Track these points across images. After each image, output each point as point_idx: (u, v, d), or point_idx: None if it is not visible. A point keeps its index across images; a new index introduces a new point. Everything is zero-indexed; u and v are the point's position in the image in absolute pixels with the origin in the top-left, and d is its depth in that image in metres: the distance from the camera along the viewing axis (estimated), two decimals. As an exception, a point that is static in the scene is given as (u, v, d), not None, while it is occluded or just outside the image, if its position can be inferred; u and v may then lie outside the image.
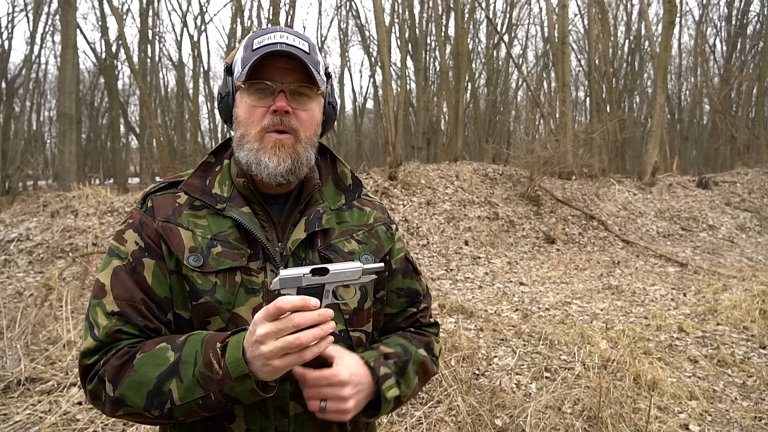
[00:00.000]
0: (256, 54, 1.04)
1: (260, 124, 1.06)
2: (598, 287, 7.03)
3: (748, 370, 4.30)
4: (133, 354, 0.96)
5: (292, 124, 1.06)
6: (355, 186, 1.22)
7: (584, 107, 27.58)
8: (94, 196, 8.38)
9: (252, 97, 1.06)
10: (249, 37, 1.10)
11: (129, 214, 1.12)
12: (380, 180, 9.87)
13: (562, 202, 10.69)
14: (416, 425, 3.22)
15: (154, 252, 1.05)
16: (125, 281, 1.02)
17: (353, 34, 30.90)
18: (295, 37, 1.07)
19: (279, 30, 1.08)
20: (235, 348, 0.90)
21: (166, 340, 0.98)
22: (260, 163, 1.06)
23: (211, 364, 0.91)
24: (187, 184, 1.10)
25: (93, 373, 0.99)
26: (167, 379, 0.93)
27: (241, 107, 1.08)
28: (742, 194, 12.95)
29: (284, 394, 1.04)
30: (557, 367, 4.20)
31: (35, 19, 21.45)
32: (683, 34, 31.02)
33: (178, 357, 0.94)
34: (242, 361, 0.89)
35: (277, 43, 1.04)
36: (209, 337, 0.96)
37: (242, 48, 1.10)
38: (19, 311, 4.84)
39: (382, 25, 11.59)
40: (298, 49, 1.05)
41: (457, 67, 16.84)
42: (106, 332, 0.99)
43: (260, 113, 1.06)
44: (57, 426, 3.15)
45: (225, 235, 1.06)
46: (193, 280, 1.03)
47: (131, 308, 1.00)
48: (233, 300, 1.03)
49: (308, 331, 0.87)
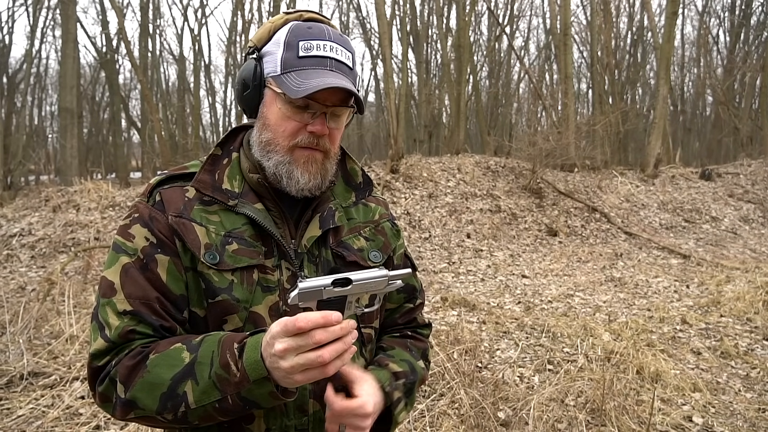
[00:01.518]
0: (305, 67, 0.99)
1: (293, 139, 1.02)
2: (601, 279, 7.02)
3: (751, 362, 4.28)
4: (146, 354, 0.93)
5: (326, 145, 1.04)
6: (365, 184, 1.21)
7: (587, 99, 27.47)
8: (95, 190, 8.38)
9: (288, 106, 1.01)
10: (292, 31, 1.02)
11: (133, 207, 1.06)
12: (382, 173, 9.85)
13: (565, 195, 10.66)
14: (419, 418, 3.21)
15: (168, 248, 1.00)
16: (137, 279, 0.97)
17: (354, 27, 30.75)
18: (343, 49, 1.03)
19: (327, 38, 1.02)
20: (254, 350, 0.87)
21: (182, 340, 0.94)
22: (291, 177, 1.03)
23: (228, 366, 0.87)
24: (198, 180, 1.05)
25: (104, 375, 0.95)
26: (182, 381, 0.89)
27: (273, 111, 1.03)
28: (745, 186, 12.90)
29: (304, 393, 1.03)
30: (560, 360, 4.19)
31: (35, 13, 21.41)
32: (686, 24, 30.85)
33: (193, 358, 0.90)
34: (260, 363, 0.85)
35: (327, 59, 1.01)
36: (226, 337, 0.92)
37: (283, 43, 1.02)
38: (21, 306, 4.85)
39: (384, 17, 11.53)
40: (345, 66, 1.03)
41: (459, 60, 16.77)
42: (119, 333, 0.94)
43: (294, 127, 1.02)
44: (60, 420, 3.16)
45: (240, 232, 1.03)
46: (209, 278, 0.99)
47: (145, 307, 0.96)
48: (251, 298, 1.00)
49: (330, 346, 0.83)
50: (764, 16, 23.72)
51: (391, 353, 1.17)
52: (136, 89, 27.27)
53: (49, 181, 11.37)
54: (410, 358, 1.18)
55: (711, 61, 25.31)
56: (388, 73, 11.30)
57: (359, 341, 1.10)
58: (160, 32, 26.20)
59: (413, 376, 1.14)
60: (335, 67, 1.01)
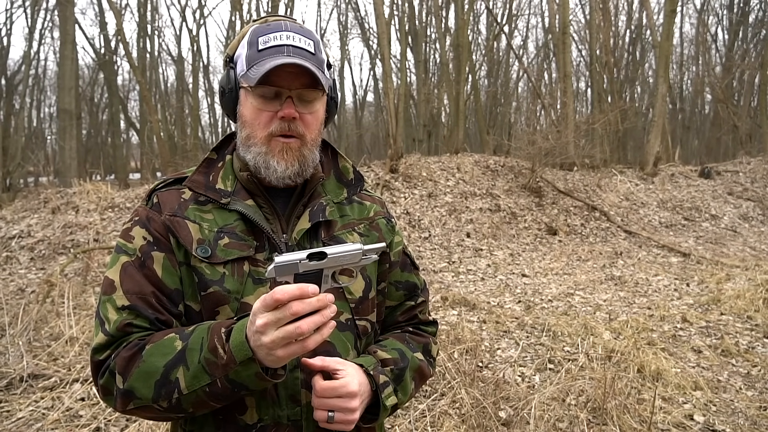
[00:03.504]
0: (264, 58, 1.03)
1: (267, 129, 1.07)
2: (601, 278, 7.01)
3: (752, 360, 4.28)
4: (142, 345, 0.97)
5: (299, 130, 1.07)
6: (356, 180, 1.24)
7: (585, 98, 27.47)
8: (95, 192, 8.36)
9: (258, 99, 1.06)
10: (253, 31, 1.08)
11: (135, 211, 1.13)
12: (381, 173, 9.84)
13: (564, 194, 10.66)
14: (420, 418, 3.21)
15: (163, 245, 1.06)
16: (134, 275, 1.03)
17: (353, 27, 30.78)
18: (301, 37, 1.07)
19: (284, 29, 1.07)
20: (239, 332, 0.90)
21: (175, 330, 0.99)
22: (269, 167, 1.08)
23: (215, 349, 0.90)
24: (191, 180, 1.12)
25: (104, 368, 0.99)
26: (174, 368, 0.93)
27: (247, 108, 1.08)
28: (744, 183, 12.90)
29: (296, 382, 1.04)
30: (561, 359, 4.19)
31: (34, 15, 21.41)
32: (685, 22, 30.80)
33: (185, 345, 0.94)
34: (245, 344, 0.88)
35: (284, 46, 1.04)
36: (215, 324, 0.95)
37: (246, 43, 1.08)
38: (21, 308, 4.84)
39: (382, 17, 11.52)
40: (305, 51, 1.06)
41: (458, 59, 16.76)
42: (117, 326, 0.99)
43: (267, 117, 1.06)
44: (60, 422, 3.15)
45: (231, 228, 1.08)
46: (201, 271, 1.04)
47: (141, 301, 1.01)
48: (242, 289, 1.04)
49: (308, 318, 0.85)
50: (763, 13, 23.74)
51: (383, 343, 1.18)
52: (135, 90, 27.27)
53: (48, 182, 11.34)
54: (403, 347, 1.18)
55: (710, 59, 25.31)
56: (386, 72, 11.30)
57: (354, 333, 1.12)
58: (158, 33, 26.14)
59: (403, 363, 1.14)
60: (293, 53, 1.04)
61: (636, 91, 26.44)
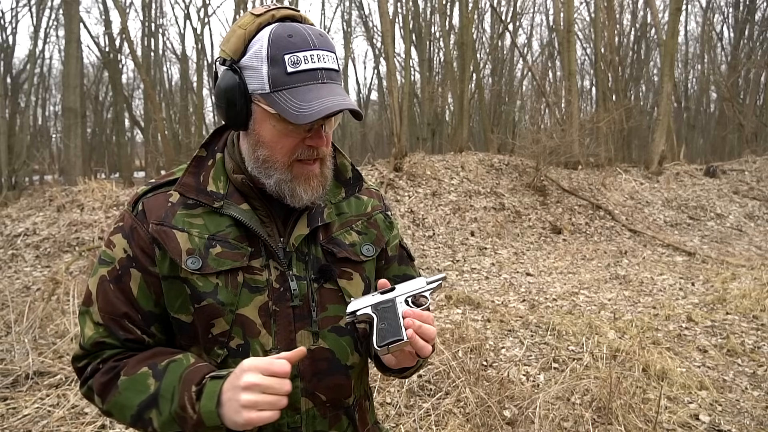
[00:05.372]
0: (297, 85, 0.95)
1: (291, 155, 1.01)
2: (606, 277, 6.99)
3: (758, 360, 4.26)
4: (117, 372, 1.00)
5: (323, 152, 1.04)
6: (355, 180, 1.20)
7: (590, 96, 27.38)
8: (99, 190, 8.38)
9: (283, 124, 0.97)
10: (273, 43, 0.95)
11: (120, 215, 1.09)
12: (385, 171, 9.83)
13: (569, 192, 10.63)
14: (424, 417, 3.21)
15: (141, 264, 1.03)
16: (108, 293, 1.03)
17: (357, 26, 30.76)
18: (327, 54, 0.98)
19: (312, 47, 0.96)
20: (210, 398, 0.91)
21: (148, 362, 0.99)
22: (294, 195, 1.03)
23: (185, 408, 0.92)
24: (181, 184, 1.05)
25: (84, 378, 1.04)
26: (147, 408, 0.96)
27: (266, 129, 0.99)
28: (750, 182, 12.84)
29: (296, 391, 1.02)
30: (565, 358, 4.18)
31: (39, 13, 21.49)
32: (690, 21, 30.71)
33: (157, 388, 0.96)
34: (215, 414, 0.90)
35: (318, 70, 0.96)
36: (187, 373, 0.95)
37: (265, 56, 0.95)
38: (26, 305, 4.85)
39: (386, 15, 11.51)
40: (334, 72, 0.99)
41: (462, 57, 16.71)
42: (90, 343, 1.02)
43: (292, 143, 1.00)
44: (65, 419, 3.16)
45: (224, 235, 1.03)
46: (193, 283, 1.00)
47: (113, 322, 1.02)
48: (236, 301, 1.01)
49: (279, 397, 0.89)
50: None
51: None
52: (139, 89, 27.27)
53: (53, 180, 11.36)
54: None
55: (715, 58, 25.21)
56: (390, 71, 11.28)
57: (353, 337, 1.11)
58: (162, 31, 26.23)
59: None
60: (326, 77, 0.97)
61: (641, 89, 26.36)
